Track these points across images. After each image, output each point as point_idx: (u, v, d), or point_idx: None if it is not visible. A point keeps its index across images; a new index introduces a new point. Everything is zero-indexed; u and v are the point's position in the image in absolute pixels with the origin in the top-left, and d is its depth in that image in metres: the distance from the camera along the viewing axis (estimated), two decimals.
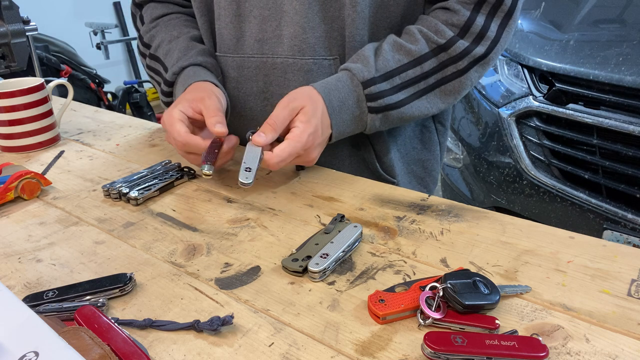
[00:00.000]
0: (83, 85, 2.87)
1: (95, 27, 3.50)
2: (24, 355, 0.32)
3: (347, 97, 0.68)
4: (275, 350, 0.40)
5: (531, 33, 1.55)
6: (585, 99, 1.28)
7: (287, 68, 0.74)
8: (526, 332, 0.41)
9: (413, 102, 0.70)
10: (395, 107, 0.69)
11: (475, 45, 0.69)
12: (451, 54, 0.69)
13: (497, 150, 1.48)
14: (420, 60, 0.69)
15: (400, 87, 0.69)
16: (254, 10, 0.74)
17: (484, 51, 0.70)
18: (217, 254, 0.53)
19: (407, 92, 0.69)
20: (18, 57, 1.86)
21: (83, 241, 0.56)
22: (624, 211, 1.19)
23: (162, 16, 0.87)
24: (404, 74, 0.69)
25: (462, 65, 0.70)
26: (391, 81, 0.69)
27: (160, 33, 0.84)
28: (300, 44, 0.72)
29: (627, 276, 0.47)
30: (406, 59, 0.69)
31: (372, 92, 0.68)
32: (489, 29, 0.69)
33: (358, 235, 0.54)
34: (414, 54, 0.69)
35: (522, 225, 0.57)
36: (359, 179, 0.70)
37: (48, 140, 0.85)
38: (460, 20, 0.70)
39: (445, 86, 0.71)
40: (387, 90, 0.68)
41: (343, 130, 0.69)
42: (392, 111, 0.69)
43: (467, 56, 0.69)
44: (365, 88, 0.68)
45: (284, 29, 0.73)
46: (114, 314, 0.45)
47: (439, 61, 0.70)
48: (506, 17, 0.70)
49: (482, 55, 0.70)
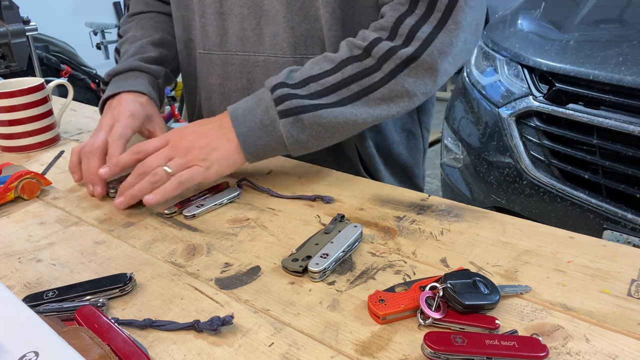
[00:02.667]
0: (83, 85, 2.86)
1: (95, 27, 3.50)
2: (24, 355, 0.32)
3: (254, 105, 0.63)
4: (275, 350, 0.40)
5: (531, 33, 1.55)
6: (585, 99, 1.28)
7: (269, 66, 0.75)
8: (526, 332, 0.41)
9: (334, 108, 0.62)
10: (308, 110, 0.61)
11: (402, 46, 0.62)
12: (375, 56, 0.63)
13: (497, 150, 1.48)
14: (340, 66, 0.63)
15: (317, 95, 0.62)
16: (235, 8, 0.74)
17: (412, 51, 0.62)
18: (217, 254, 0.53)
19: (327, 99, 0.62)
20: (18, 57, 1.86)
21: (83, 241, 0.56)
22: (624, 211, 1.19)
23: (139, 13, 0.90)
24: (323, 80, 0.63)
25: (388, 68, 0.62)
26: (307, 88, 0.63)
27: (130, 31, 0.88)
28: (281, 42, 0.73)
29: (627, 276, 0.47)
30: (327, 66, 0.64)
31: (279, 94, 0.62)
32: (420, 29, 0.62)
33: (358, 235, 0.54)
34: (334, 60, 0.64)
35: (522, 225, 0.57)
36: (359, 179, 0.70)
37: (48, 140, 0.85)
38: (388, 22, 0.64)
39: (373, 94, 0.63)
40: (301, 95, 0.62)
41: (253, 141, 0.62)
42: (305, 114, 0.61)
43: (392, 57, 0.62)
44: (272, 92, 0.62)
45: (264, 28, 0.73)
46: (114, 314, 0.45)
47: (363, 67, 0.63)
48: (442, 18, 0.62)
49: (411, 56, 0.62)
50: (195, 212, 0.60)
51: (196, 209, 0.61)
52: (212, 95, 0.83)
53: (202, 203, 0.62)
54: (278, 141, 0.63)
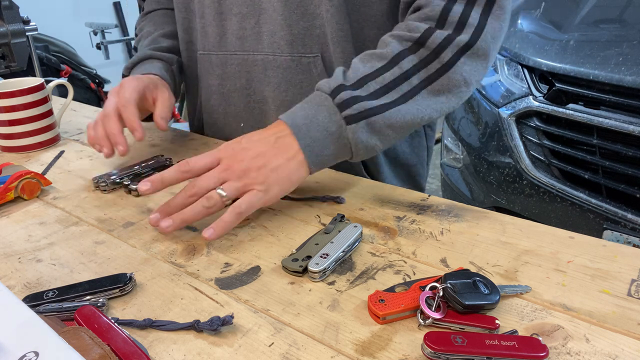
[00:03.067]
0: (83, 85, 2.87)
1: (95, 27, 3.50)
2: (24, 355, 0.32)
3: (315, 112, 0.58)
4: (275, 350, 0.40)
5: (531, 33, 1.55)
6: (585, 99, 1.28)
7: (267, 65, 0.75)
8: (526, 332, 0.41)
9: (399, 106, 0.59)
10: (377, 112, 0.58)
11: (456, 33, 0.60)
12: (430, 47, 0.60)
13: (497, 150, 1.48)
14: (395, 60, 0.60)
15: (379, 93, 0.59)
16: (234, 7, 0.75)
17: (468, 39, 0.60)
18: (217, 254, 0.53)
19: (390, 96, 0.59)
20: (18, 57, 1.86)
21: (83, 241, 0.56)
22: (624, 211, 1.19)
23: (151, 11, 0.94)
24: (381, 78, 0.59)
25: (446, 57, 0.60)
26: (366, 88, 0.59)
27: (145, 28, 0.91)
28: (279, 41, 0.73)
29: (627, 276, 0.47)
30: (379, 63, 0.60)
31: (343, 98, 0.58)
32: (470, 15, 0.60)
33: (358, 235, 0.53)
34: (386, 55, 0.60)
35: (522, 225, 0.57)
36: (359, 179, 0.70)
37: (48, 140, 0.85)
38: (434, 12, 0.61)
39: (432, 85, 0.60)
40: (363, 96, 0.58)
41: (318, 152, 0.58)
42: (374, 117, 0.58)
43: (450, 46, 0.60)
44: (334, 98, 0.58)
45: (263, 26, 0.74)
46: (114, 314, 0.45)
47: (419, 58, 0.60)
48: (488, 3, 0.61)
49: (467, 43, 0.60)
50: None
51: None
52: (212, 96, 0.83)
53: None
54: (344, 148, 0.59)
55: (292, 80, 0.75)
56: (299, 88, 0.75)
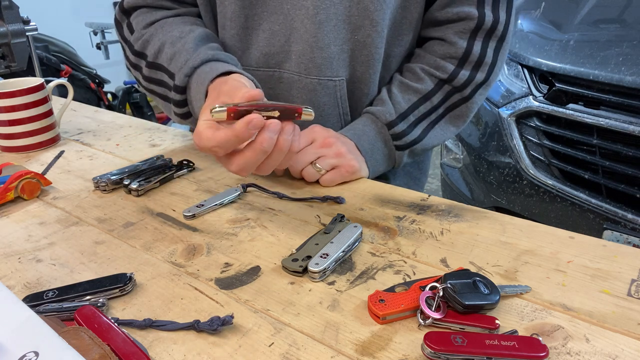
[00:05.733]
0: (83, 85, 2.87)
1: (95, 27, 3.50)
2: (24, 355, 0.32)
3: (375, 139, 0.74)
4: (275, 350, 0.40)
5: (531, 33, 1.55)
6: (585, 99, 1.28)
7: (292, 84, 0.75)
8: (526, 332, 0.41)
9: (429, 133, 0.76)
10: (417, 142, 0.75)
11: (475, 72, 0.75)
12: (455, 85, 0.75)
13: (497, 150, 1.48)
14: (428, 96, 0.75)
15: (415, 123, 0.75)
16: (264, 24, 0.73)
17: (484, 77, 0.75)
18: (217, 254, 0.53)
19: (422, 125, 0.76)
20: (18, 57, 1.86)
21: (83, 241, 0.56)
22: (624, 211, 1.19)
23: (156, 21, 0.77)
24: (417, 111, 0.75)
25: (466, 92, 0.76)
26: (407, 120, 0.75)
27: (156, 37, 0.74)
28: (307, 63, 0.72)
29: (627, 276, 0.47)
30: (415, 97, 0.75)
31: (396, 132, 0.74)
32: (486, 55, 0.74)
33: (358, 235, 0.54)
34: (421, 91, 0.75)
35: (522, 225, 0.57)
36: (359, 179, 0.70)
37: (48, 140, 0.85)
38: (458, 52, 0.74)
39: (453, 112, 0.77)
40: (406, 129, 0.75)
41: (377, 169, 0.75)
42: (415, 146, 0.75)
43: (470, 84, 0.75)
44: (389, 129, 0.74)
45: (293, 45, 0.72)
46: (114, 314, 0.45)
47: (445, 92, 0.76)
48: (499, 41, 0.75)
49: (483, 80, 0.76)
50: (195, 212, 0.60)
51: (196, 208, 0.61)
52: None
53: (202, 203, 0.62)
54: (391, 165, 0.77)
55: (317, 102, 0.75)
56: (321, 110, 0.76)
